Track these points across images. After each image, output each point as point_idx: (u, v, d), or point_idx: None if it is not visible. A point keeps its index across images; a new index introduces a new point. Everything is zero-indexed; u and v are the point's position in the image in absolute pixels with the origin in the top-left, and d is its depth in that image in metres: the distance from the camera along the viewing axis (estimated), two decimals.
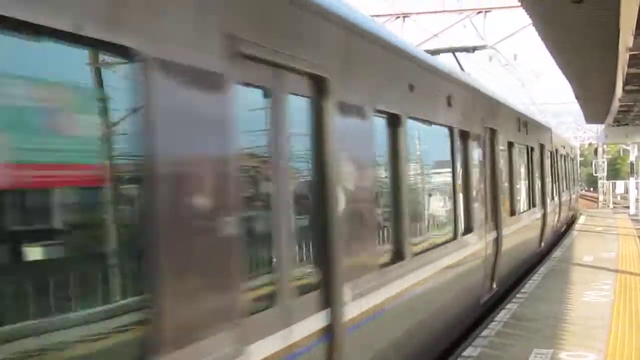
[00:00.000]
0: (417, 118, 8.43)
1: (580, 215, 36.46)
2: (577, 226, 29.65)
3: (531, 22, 14.23)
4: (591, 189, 75.03)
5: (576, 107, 33.44)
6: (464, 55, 16.78)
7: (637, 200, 38.09)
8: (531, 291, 13.69)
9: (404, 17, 25.41)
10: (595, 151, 54.11)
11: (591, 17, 12.60)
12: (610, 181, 54.82)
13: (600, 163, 51.86)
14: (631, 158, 41.98)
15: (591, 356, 8.90)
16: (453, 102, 10.16)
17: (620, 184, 63.54)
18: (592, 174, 61.51)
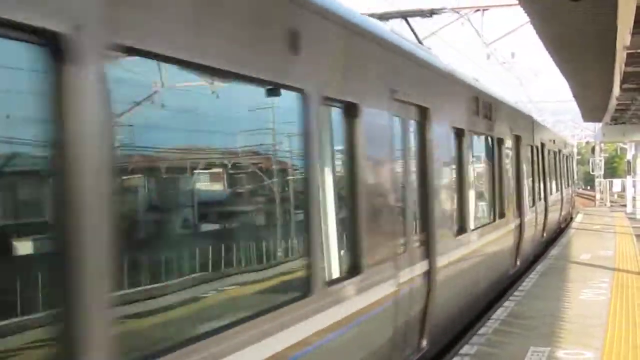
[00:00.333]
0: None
1: (577, 214, 36.52)
2: (574, 224, 29.69)
3: (529, 21, 14.25)
4: (588, 188, 75.08)
5: (574, 106, 33.48)
6: (464, 55, 16.64)
7: (634, 198, 38.12)
8: (528, 289, 13.71)
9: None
10: (592, 149, 54.16)
11: (589, 15, 12.62)
12: (607, 179, 54.90)
13: (597, 161, 51.90)
14: (628, 156, 42.00)
15: (588, 354, 8.92)
16: None
17: (617, 183, 63.64)
18: (589, 172, 61.63)
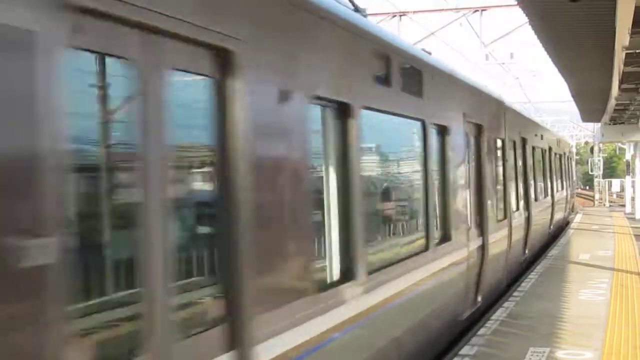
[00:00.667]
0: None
1: (576, 214, 36.52)
2: (574, 224, 29.69)
3: (528, 21, 14.26)
4: (587, 188, 75.13)
5: (572, 106, 33.48)
6: (464, 55, 16.67)
7: (633, 198, 38.12)
8: (528, 289, 13.71)
9: (401, 16, 25.42)
10: (591, 149, 54.18)
11: (587, 16, 12.62)
12: (606, 180, 54.91)
13: (596, 161, 51.94)
14: (627, 156, 42.02)
15: (588, 354, 8.92)
16: None
17: (616, 183, 63.71)
18: (588, 173, 61.66)
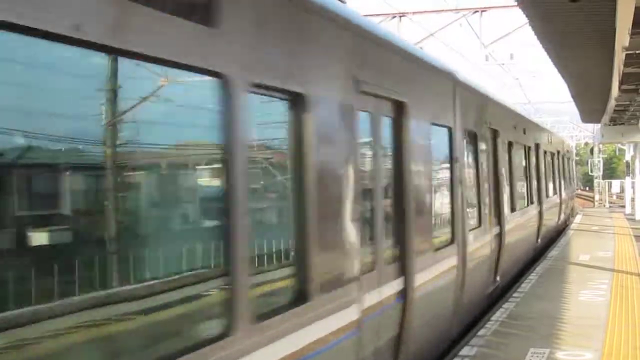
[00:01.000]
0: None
1: (576, 214, 36.52)
2: (574, 225, 29.69)
3: (528, 22, 14.26)
4: (587, 188, 75.12)
5: (572, 107, 33.48)
6: (463, 56, 16.73)
7: (633, 199, 38.11)
8: (528, 290, 13.71)
9: (400, 17, 25.41)
10: (591, 150, 54.16)
11: (587, 17, 12.63)
12: (606, 180, 54.90)
13: (596, 162, 51.91)
14: (627, 157, 42.01)
15: (588, 355, 8.92)
16: None
17: (616, 183, 63.68)
18: (588, 173, 61.62)
